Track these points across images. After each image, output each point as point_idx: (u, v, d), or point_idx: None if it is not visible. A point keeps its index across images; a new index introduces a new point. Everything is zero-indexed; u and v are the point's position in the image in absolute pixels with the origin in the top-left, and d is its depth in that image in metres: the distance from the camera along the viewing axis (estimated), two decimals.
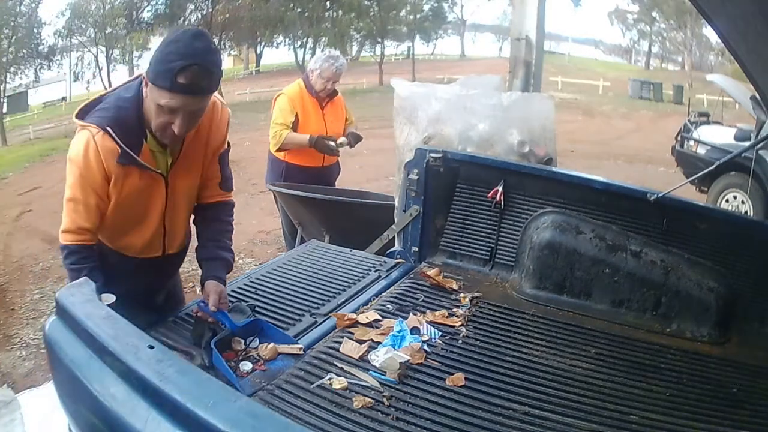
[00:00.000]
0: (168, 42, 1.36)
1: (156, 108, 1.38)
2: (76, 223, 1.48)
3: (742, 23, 1.30)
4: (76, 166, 1.44)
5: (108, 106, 1.46)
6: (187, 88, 1.34)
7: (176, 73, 1.31)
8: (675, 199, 1.87)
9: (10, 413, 2.19)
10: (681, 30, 29.64)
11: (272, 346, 1.47)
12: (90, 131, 1.42)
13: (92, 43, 24.83)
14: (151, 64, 1.37)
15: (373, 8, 28.57)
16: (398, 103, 2.48)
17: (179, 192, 1.58)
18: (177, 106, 1.36)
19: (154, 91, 1.37)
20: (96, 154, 1.42)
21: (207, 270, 1.61)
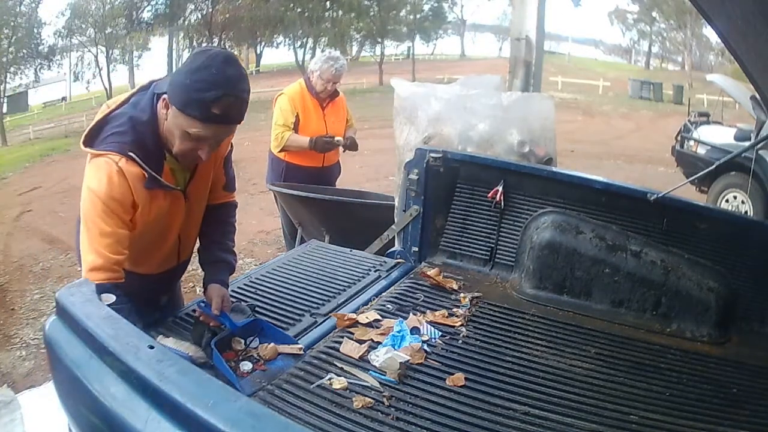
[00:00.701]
0: (197, 68, 1.27)
1: (182, 134, 1.33)
2: (110, 259, 1.34)
3: (742, 23, 1.30)
4: (99, 198, 1.33)
5: (124, 129, 1.37)
6: (220, 119, 1.30)
7: (210, 103, 1.26)
8: (675, 199, 1.87)
9: (10, 413, 2.19)
10: (681, 30, 29.64)
11: (272, 346, 1.47)
12: (111, 159, 1.34)
13: (92, 43, 24.82)
14: (176, 87, 1.30)
15: (373, 8, 28.57)
16: (398, 103, 2.48)
17: (195, 203, 1.57)
18: (209, 135, 1.33)
19: (180, 118, 1.31)
20: (123, 182, 1.34)
21: (210, 273, 1.59)
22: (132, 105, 1.43)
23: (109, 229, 1.35)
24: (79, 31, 24.49)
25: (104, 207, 1.34)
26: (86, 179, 1.37)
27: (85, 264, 1.37)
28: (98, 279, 1.33)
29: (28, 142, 19.92)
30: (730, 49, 1.45)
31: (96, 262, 1.34)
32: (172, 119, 1.33)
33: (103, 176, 1.33)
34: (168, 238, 1.56)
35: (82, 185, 1.40)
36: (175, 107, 1.31)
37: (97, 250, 1.35)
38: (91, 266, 1.35)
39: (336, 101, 3.29)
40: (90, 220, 1.36)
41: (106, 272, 1.34)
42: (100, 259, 1.34)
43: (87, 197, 1.36)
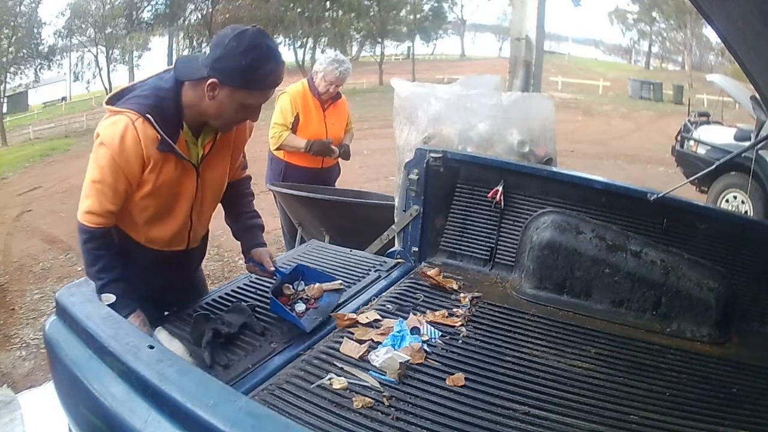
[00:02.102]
0: (247, 49, 1.39)
1: (238, 107, 1.45)
2: (103, 206, 1.47)
3: (742, 23, 1.30)
4: (109, 150, 1.42)
5: (146, 93, 1.47)
6: (274, 84, 1.48)
7: (267, 75, 1.42)
8: (675, 199, 1.87)
9: (10, 413, 2.19)
10: (681, 30, 29.66)
11: (318, 286, 1.73)
12: (129, 117, 1.43)
13: (92, 43, 24.84)
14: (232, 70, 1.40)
15: (373, 8, 28.58)
16: (398, 103, 2.48)
17: (208, 184, 1.62)
18: (263, 101, 1.49)
19: (239, 94, 1.42)
20: (135, 139, 1.42)
21: (249, 239, 1.75)
22: (158, 78, 1.54)
23: (110, 180, 1.45)
24: (79, 31, 24.51)
25: (111, 161, 1.43)
26: (100, 132, 1.46)
27: (81, 206, 1.49)
28: (92, 222, 1.47)
29: (28, 142, 19.93)
30: (730, 49, 1.45)
31: (93, 207, 1.47)
32: (228, 97, 1.44)
33: (117, 132, 1.42)
34: (177, 215, 1.59)
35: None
36: (233, 86, 1.42)
37: (96, 196, 1.47)
38: (88, 209, 1.47)
39: (338, 104, 3.29)
40: (95, 169, 1.46)
41: (99, 217, 1.47)
42: (96, 205, 1.47)
43: (97, 148, 1.46)
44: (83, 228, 1.48)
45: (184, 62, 1.53)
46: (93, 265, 1.47)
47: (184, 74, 1.48)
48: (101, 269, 1.47)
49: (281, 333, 1.57)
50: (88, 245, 1.49)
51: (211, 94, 1.44)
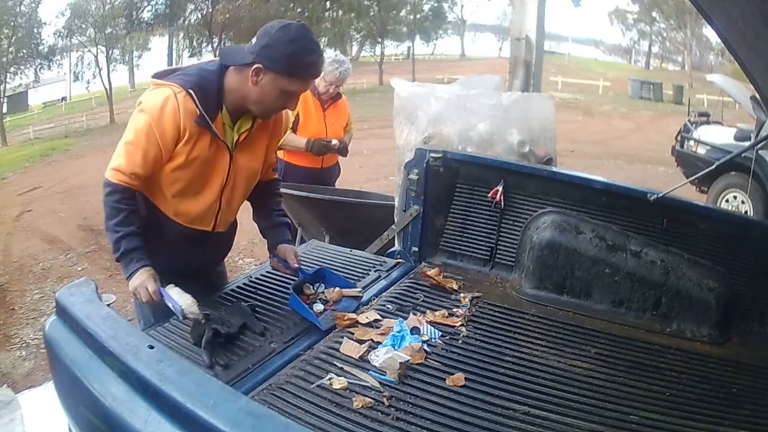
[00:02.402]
0: (293, 39, 1.48)
1: (280, 93, 1.53)
2: (131, 167, 1.52)
3: (742, 23, 1.30)
4: (148, 116, 1.50)
5: (192, 72, 1.56)
6: (316, 74, 1.61)
7: (311, 65, 1.53)
8: (675, 199, 1.87)
9: (10, 413, 2.19)
10: (681, 30, 29.67)
11: (338, 290, 1.76)
12: (172, 89, 1.51)
13: (92, 43, 24.83)
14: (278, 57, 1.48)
15: (373, 8, 28.59)
16: (398, 103, 2.48)
17: (240, 170, 1.67)
18: (304, 89, 1.59)
19: (282, 80, 1.51)
20: (174, 109, 1.49)
21: (276, 235, 1.81)
22: (203, 64, 1.63)
23: (143, 144, 1.51)
24: (79, 31, 24.51)
25: (148, 126, 1.50)
26: (142, 100, 1.55)
27: (111, 164, 1.54)
28: (117, 179, 1.53)
29: (28, 142, 19.94)
30: (730, 49, 1.45)
31: (121, 165, 1.53)
32: (271, 83, 1.52)
33: (159, 100, 1.50)
34: (207, 194, 1.64)
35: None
36: (277, 72, 1.50)
37: (126, 156, 1.53)
38: (116, 167, 1.53)
39: (338, 104, 3.29)
40: (131, 132, 1.53)
41: (125, 176, 1.53)
42: (125, 164, 1.53)
43: (137, 114, 1.54)
44: (108, 182, 1.54)
45: (230, 50, 1.64)
46: (112, 218, 1.53)
47: (230, 59, 1.58)
48: (119, 222, 1.53)
49: (281, 333, 1.57)
50: (109, 198, 1.54)
51: (255, 79, 1.51)
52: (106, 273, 4.88)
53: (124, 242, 1.52)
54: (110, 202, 1.54)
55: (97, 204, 5.08)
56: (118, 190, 1.53)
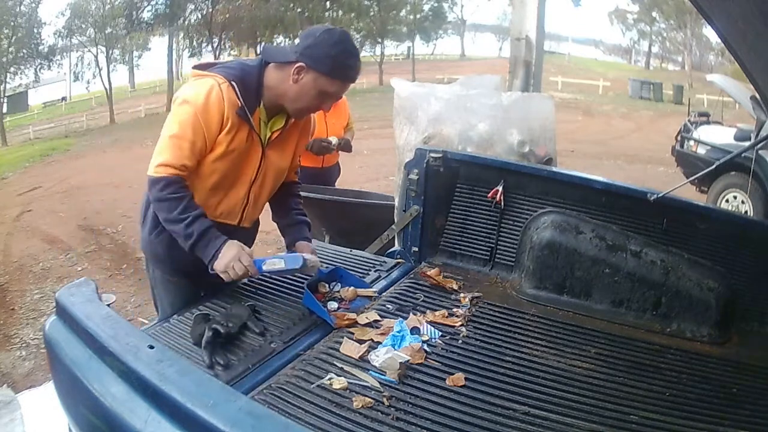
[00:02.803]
0: (336, 42, 1.54)
1: (318, 93, 1.57)
2: (179, 160, 1.52)
3: (742, 23, 1.30)
4: (192, 107, 1.51)
5: (233, 66, 1.59)
6: (353, 79, 1.62)
7: (351, 67, 1.58)
8: (675, 199, 1.87)
9: (10, 413, 2.19)
10: (681, 30, 29.67)
11: (352, 289, 1.76)
12: (216, 79, 1.53)
13: (92, 43, 24.84)
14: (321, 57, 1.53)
15: (373, 8, 28.60)
16: (398, 103, 2.48)
17: (270, 167, 1.70)
18: (340, 91, 1.62)
19: (322, 80, 1.55)
20: (219, 99, 1.52)
21: (295, 233, 1.82)
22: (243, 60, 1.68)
23: (190, 135, 1.52)
24: (79, 31, 24.52)
25: (194, 116, 1.51)
26: (184, 91, 1.56)
27: (155, 160, 1.53)
28: (166, 173, 1.52)
29: (28, 142, 19.94)
30: (730, 49, 1.45)
31: (168, 159, 1.52)
32: (311, 82, 1.55)
33: (203, 90, 1.52)
34: (238, 188, 1.67)
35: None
36: (318, 72, 1.54)
37: (172, 150, 1.53)
38: (163, 162, 1.52)
39: (338, 104, 3.29)
40: (175, 125, 1.53)
41: (174, 169, 1.53)
42: (172, 158, 1.52)
43: (179, 107, 1.54)
44: (157, 178, 1.52)
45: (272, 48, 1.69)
46: (174, 209, 1.52)
47: (272, 56, 1.61)
48: (184, 209, 1.52)
49: (281, 333, 1.57)
50: (164, 192, 1.52)
51: (296, 77, 1.55)
52: (106, 273, 4.89)
53: (197, 224, 1.52)
54: (166, 195, 1.52)
55: (97, 204, 5.12)
56: (173, 181, 1.52)
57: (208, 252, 1.54)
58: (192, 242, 1.53)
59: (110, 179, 9.28)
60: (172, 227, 1.55)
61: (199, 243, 1.54)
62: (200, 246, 1.54)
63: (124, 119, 22.82)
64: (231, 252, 1.54)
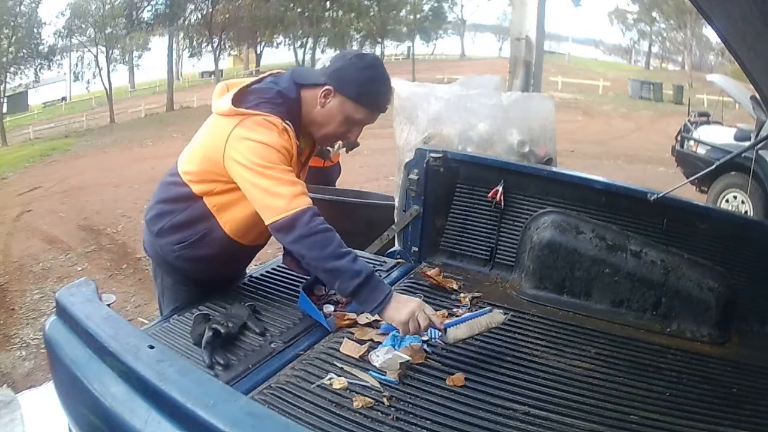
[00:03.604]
0: (366, 66, 1.50)
1: (344, 119, 1.52)
2: (305, 186, 1.46)
3: (742, 23, 1.30)
4: (273, 147, 1.42)
5: (278, 102, 1.50)
6: (383, 108, 1.56)
7: (381, 96, 1.53)
8: (675, 199, 1.87)
9: (10, 413, 2.19)
10: (681, 30, 29.68)
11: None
12: (276, 120, 1.46)
13: (92, 43, 24.85)
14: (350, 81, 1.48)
15: (373, 8, 28.61)
16: (398, 103, 2.48)
17: None
18: (368, 120, 1.55)
19: (349, 105, 1.49)
20: (288, 138, 1.47)
21: None
22: (273, 83, 1.55)
23: (288, 168, 1.45)
24: (79, 31, 24.53)
25: (279, 154, 1.44)
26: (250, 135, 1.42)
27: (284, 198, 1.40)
28: (306, 203, 1.42)
29: (28, 142, 19.95)
30: (730, 49, 1.45)
31: (296, 190, 1.41)
32: (338, 106, 1.51)
33: (273, 131, 1.44)
34: None
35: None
36: (346, 96, 1.49)
37: (290, 182, 1.42)
38: (294, 194, 1.41)
39: None
40: (267, 167, 1.41)
41: (307, 196, 1.44)
42: (298, 186, 1.43)
43: (257, 149, 1.42)
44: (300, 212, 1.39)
45: (304, 70, 1.60)
46: (329, 244, 1.40)
47: (304, 78, 1.55)
48: (340, 243, 1.42)
49: (281, 333, 1.57)
50: (313, 224, 1.40)
51: (323, 101, 1.51)
52: (106, 273, 4.89)
53: (361, 264, 1.40)
54: (318, 227, 1.40)
55: (97, 204, 5.14)
56: (316, 212, 1.41)
57: (376, 297, 1.39)
58: (359, 282, 1.38)
59: (110, 179, 9.29)
60: (331, 263, 1.39)
61: (368, 285, 1.39)
62: (368, 288, 1.39)
63: (124, 119, 22.83)
64: (413, 303, 1.40)
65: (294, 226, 1.39)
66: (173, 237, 1.62)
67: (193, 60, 28.24)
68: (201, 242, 1.58)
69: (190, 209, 1.57)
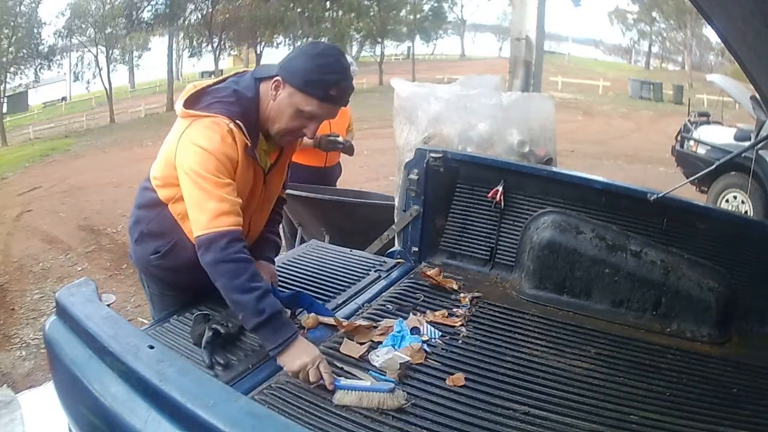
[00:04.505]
0: (318, 54, 1.42)
1: (294, 112, 1.43)
2: (232, 201, 1.37)
3: (742, 23, 1.30)
4: (212, 154, 1.37)
5: (231, 100, 1.44)
6: (335, 100, 1.43)
7: (330, 85, 1.40)
8: (675, 199, 1.87)
9: (10, 413, 2.19)
10: (681, 30, 29.68)
11: (313, 315, 1.57)
12: (223, 121, 1.40)
13: (92, 43, 24.85)
14: (296, 70, 1.41)
15: (373, 8, 28.60)
16: (398, 103, 2.48)
17: (270, 193, 1.62)
18: (320, 114, 1.44)
19: (297, 96, 1.41)
20: (233, 143, 1.39)
21: (259, 249, 1.65)
22: (233, 82, 1.50)
23: (225, 180, 1.38)
24: (79, 31, 24.52)
25: (218, 162, 1.37)
26: (193, 139, 1.39)
27: (207, 213, 1.35)
28: (228, 224, 1.35)
29: (28, 142, 19.94)
30: (730, 49, 1.45)
31: (222, 208, 1.35)
32: (287, 98, 1.43)
33: (216, 135, 1.38)
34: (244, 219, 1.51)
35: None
36: (293, 87, 1.41)
37: (219, 197, 1.36)
38: (218, 212, 1.35)
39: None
40: (202, 176, 1.36)
41: (234, 216, 1.36)
42: (225, 204, 1.36)
43: (197, 155, 1.37)
44: (219, 234, 1.33)
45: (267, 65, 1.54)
46: (241, 275, 1.33)
47: (260, 72, 1.50)
48: (251, 277, 1.34)
49: None
50: (230, 250, 1.33)
51: (274, 93, 1.44)
52: (106, 273, 4.89)
53: (268, 301, 1.33)
54: (233, 255, 1.33)
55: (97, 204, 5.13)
56: (237, 237, 1.35)
57: (275, 339, 1.33)
58: (259, 321, 1.32)
59: (110, 179, 9.29)
60: (236, 296, 1.33)
61: (268, 325, 1.33)
62: (268, 328, 1.33)
63: (124, 119, 22.84)
64: (309, 354, 1.32)
65: (209, 248, 1.34)
66: (149, 246, 1.58)
67: (193, 60, 28.24)
68: (172, 252, 1.52)
69: (160, 216, 1.52)
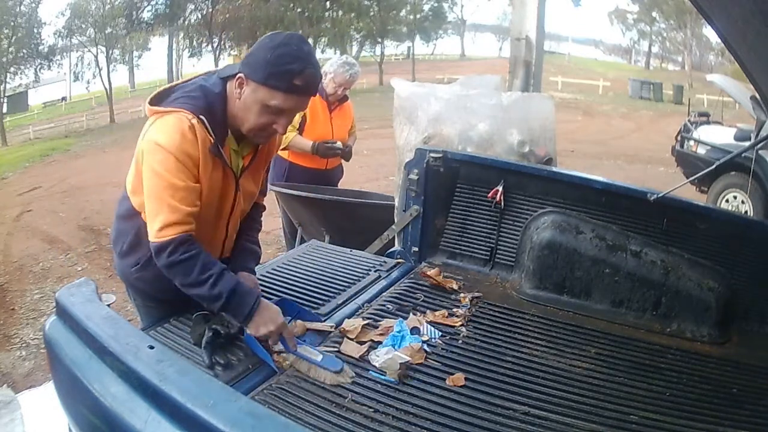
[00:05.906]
0: (278, 44, 1.35)
1: (260, 108, 1.37)
2: (182, 211, 1.34)
3: (742, 23, 1.30)
4: (170, 153, 1.32)
5: (196, 95, 1.39)
6: (302, 90, 1.37)
7: (293, 75, 1.33)
8: (675, 199, 1.87)
9: (10, 413, 2.19)
10: (681, 30, 29.68)
11: (300, 323, 1.53)
12: (185, 116, 1.34)
13: (92, 43, 24.84)
14: (257, 64, 1.35)
15: (373, 8, 28.60)
16: (398, 103, 2.48)
17: (245, 196, 1.57)
18: (288, 107, 1.38)
19: (261, 91, 1.35)
20: (194, 139, 1.34)
21: (239, 260, 1.61)
22: (202, 79, 1.46)
23: (182, 183, 1.34)
24: (79, 31, 24.52)
25: (176, 162, 1.33)
26: (153, 136, 1.36)
27: (156, 223, 1.35)
28: (173, 233, 1.33)
29: (28, 142, 19.94)
30: (730, 49, 1.45)
31: (169, 219, 1.34)
32: (251, 95, 1.37)
33: (175, 131, 1.33)
34: (218, 224, 1.53)
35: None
36: (255, 82, 1.35)
37: (170, 205, 1.34)
38: (163, 224, 1.34)
39: (344, 106, 3.30)
40: (159, 177, 1.34)
41: (181, 225, 1.34)
42: (173, 214, 1.34)
43: (155, 154, 1.34)
44: (162, 245, 1.34)
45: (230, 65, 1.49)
46: (191, 272, 1.35)
47: (225, 72, 1.44)
48: (202, 268, 1.35)
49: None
50: (174, 256, 1.34)
51: (238, 92, 1.38)
52: (106, 273, 4.88)
53: (222, 283, 1.34)
54: (178, 259, 1.34)
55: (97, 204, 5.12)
56: (181, 241, 1.34)
57: (241, 312, 1.37)
58: (221, 304, 1.36)
59: (110, 179, 9.27)
60: (194, 291, 1.37)
61: (231, 303, 1.36)
62: (232, 306, 1.37)
63: (124, 119, 22.82)
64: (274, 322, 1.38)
65: (159, 255, 1.36)
66: (130, 259, 1.55)
67: (193, 60, 28.23)
68: (151, 263, 1.45)
69: (137, 227, 1.48)
